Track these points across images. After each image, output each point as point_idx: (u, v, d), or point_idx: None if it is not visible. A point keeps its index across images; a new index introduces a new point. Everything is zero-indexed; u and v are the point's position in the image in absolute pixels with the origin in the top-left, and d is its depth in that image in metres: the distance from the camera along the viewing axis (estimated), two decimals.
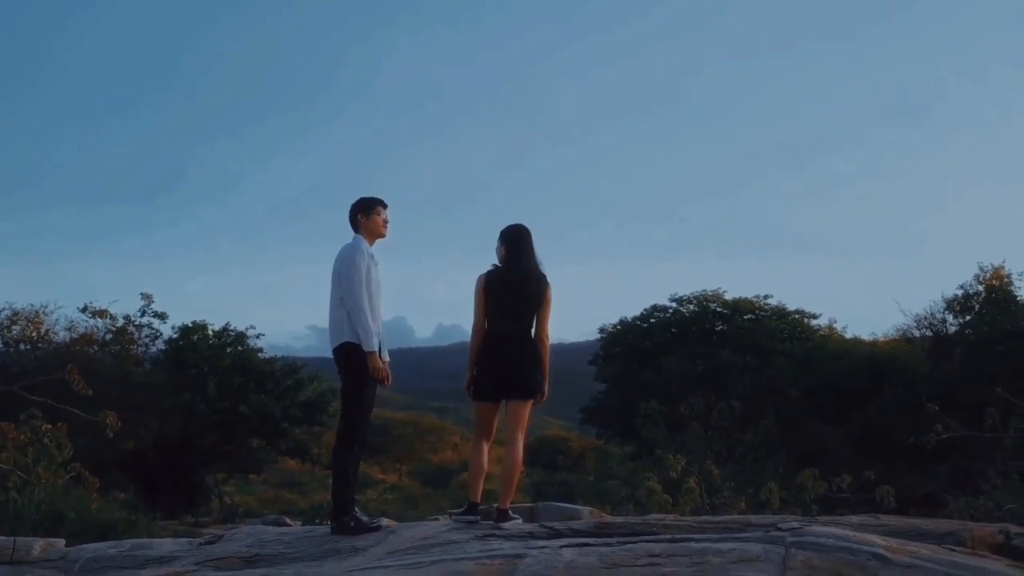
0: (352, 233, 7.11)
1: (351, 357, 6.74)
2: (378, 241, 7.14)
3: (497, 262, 7.12)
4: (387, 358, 6.91)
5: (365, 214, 7.07)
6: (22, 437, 6.11)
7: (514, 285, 6.95)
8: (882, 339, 29.62)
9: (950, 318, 26.72)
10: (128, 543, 7.44)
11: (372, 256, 6.97)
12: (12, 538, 7.17)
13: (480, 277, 7.06)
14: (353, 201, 7.17)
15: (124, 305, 30.50)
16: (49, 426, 6.52)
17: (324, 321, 7.01)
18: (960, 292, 25.90)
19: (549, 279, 7.08)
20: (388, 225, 7.20)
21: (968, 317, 25.83)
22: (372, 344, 6.70)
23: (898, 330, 28.75)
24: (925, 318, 27.35)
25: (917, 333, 27.81)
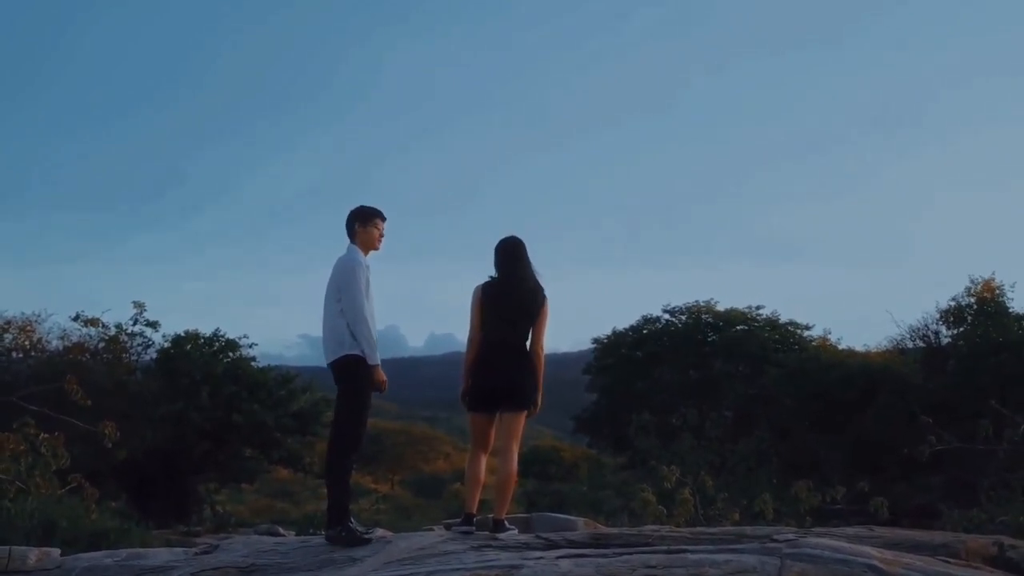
0: (347, 241, 7.12)
1: (352, 369, 6.76)
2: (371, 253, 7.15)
3: (495, 274, 7.14)
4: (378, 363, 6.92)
5: (363, 224, 7.08)
6: (21, 447, 6.12)
7: (510, 297, 6.97)
8: (875, 350, 29.71)
9: (943, 329, 26.81)
10: (123, 552, 7.43)
11: (368, 267, 6.98)
12: (8, 547, 7.16)
13: (477, 288, 7.09)
14: (352, 208, 7.17)
15: (117, 313, 30.40)
16: (46, 435, 6.54)
17: (316, 330, 7.01)
18: (952, 304, 26.00)
19: (546, 291, 7.12)
20: (384, 239, 7.22)
21: (961, 328, 25.91)
22: (376, 357, 6.76)
23: (891, 341, 28.86)
24: (918, 329, 27.48)
25: (910, 344, 27.91)
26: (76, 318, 26.47)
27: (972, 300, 25.55)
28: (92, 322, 26.59)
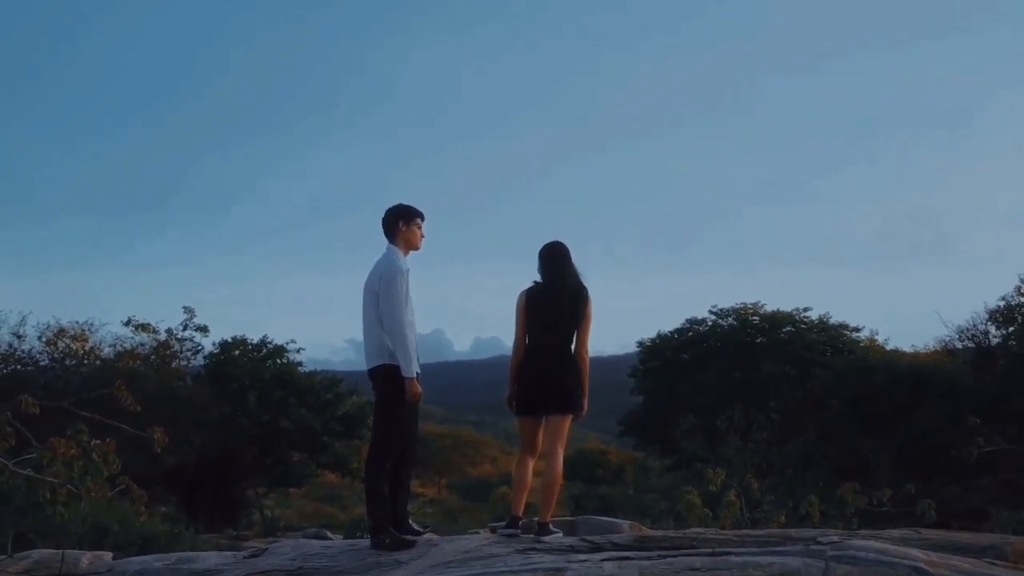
0: (385, 241, 6.96)
1: (390, 379, 6.66)
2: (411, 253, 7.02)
3: (538, 279, 7.15)
4: (418, 370, 6.77)
5: (406, 222, 6.93)
6: (72, 452, 6.24)
7: (554, 301, 6.97)
8: (923, 351, 29.38)
9: (992, 329, 26.46)
10: (173, 556, 7.53)
11: (408, 270, 6.85)
12: (61, 551, 7.29)
13: (521, 294, 7.07)
14: (391, 207, 7.00)
15: (165, 319, 30.71)
16: (99, 441, 6.66)
17: (361, 335, 6.91)
18: (1002, 303, 25.66)
19: (590, 294, 7.12)
20: (424, 239, 7.09)
21: (1011, 328, 25.57)
22: (411, 370, 6.61)
23: (940, 341, 28.51)
24: (967, 329, 27.10)
25: (959, 344, 27.56)
26: (127, 323, 26.86)
27: (1022, 299, 25.20)
28: (144, 327, 26.95)
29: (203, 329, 28.90)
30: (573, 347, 7.05)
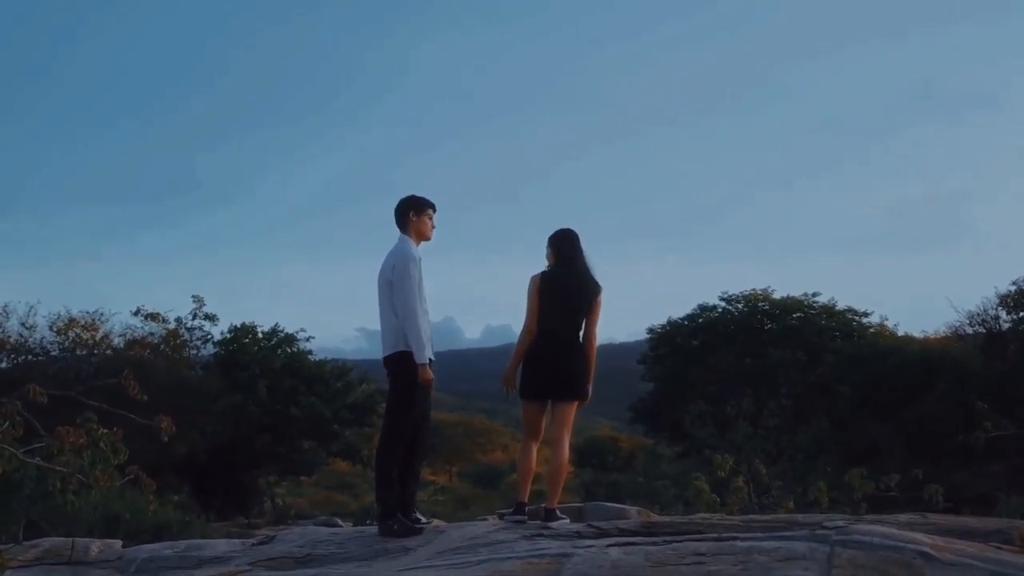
0: (397, 231, 7.03)
1: (407, 364, 6.68)
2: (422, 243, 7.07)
3: (547, 266, 7.17)
4: (432, 357, 6.83)
5: (417, 213, 6.99)
6: (80, 441, 6.25)
7: (567, 289, 7.01)
8: (934, 336, 29.26)
9: (1003, 314, 26.32)
10: (183, 544, 7.56)
11: (420, 258, 6.91)
12: (71, 539, 7.32)
13: (535, 277, 7.08)
14: (402, 197, 7.08)
15: (175, 308, 30.77)
16: (105, 430, 6.68)
17: (372, 323, 6.94)
18: (1013, 288, 25.51)
19: (600, 283, 7.14)
20: (435, 230, 7.16)
21: (1021, 313, 25.43)
22: (424, 357, 6.65)
23: (950, 327, 28.37)
24: (978, 315, 26.95)
25: (969, 330, 27.42)
26: (137, 312, 26.92)
27: None
28: (153, 317, 27.00)
29: (212, 318, 29.02)
30: (581, 335, 7.07)
